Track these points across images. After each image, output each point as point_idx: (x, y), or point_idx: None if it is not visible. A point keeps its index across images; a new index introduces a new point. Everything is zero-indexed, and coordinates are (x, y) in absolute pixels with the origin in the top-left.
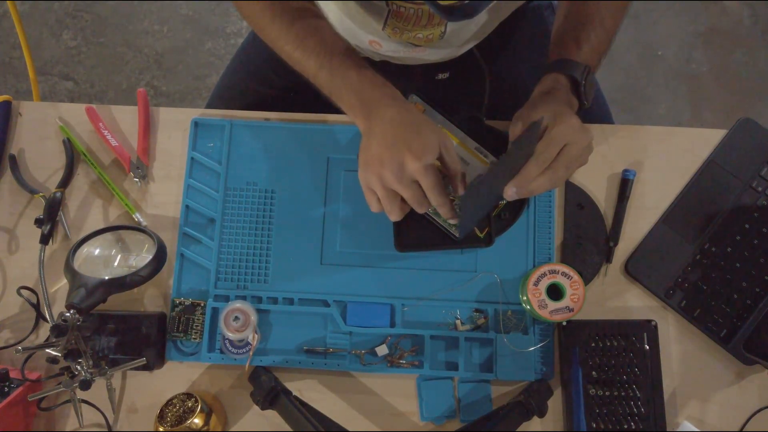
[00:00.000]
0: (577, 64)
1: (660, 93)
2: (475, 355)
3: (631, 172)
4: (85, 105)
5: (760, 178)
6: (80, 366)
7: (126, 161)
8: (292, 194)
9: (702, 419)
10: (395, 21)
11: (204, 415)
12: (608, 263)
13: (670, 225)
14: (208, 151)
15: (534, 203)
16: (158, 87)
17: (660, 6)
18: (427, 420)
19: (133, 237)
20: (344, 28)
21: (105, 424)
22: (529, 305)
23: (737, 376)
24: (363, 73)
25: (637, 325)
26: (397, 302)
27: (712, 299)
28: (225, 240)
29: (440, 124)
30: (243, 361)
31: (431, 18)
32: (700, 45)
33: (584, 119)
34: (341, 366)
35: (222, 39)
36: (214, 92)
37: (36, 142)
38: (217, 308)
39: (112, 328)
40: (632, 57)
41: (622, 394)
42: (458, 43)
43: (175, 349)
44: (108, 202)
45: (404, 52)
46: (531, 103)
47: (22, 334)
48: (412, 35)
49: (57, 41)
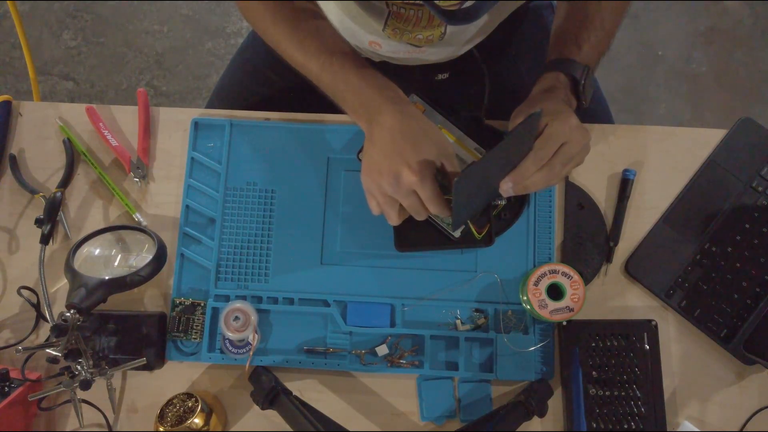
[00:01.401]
0: (578, 64)
1: (660, 93)
2: (475, 355)
3: (632, 171)
4: (85, 105)
5: (760, 178)
6: (80, 366)
7: (126, 161)
8: (292, 194)
9: (702, 419)
10: (395, 22)
11: (204, 415)
12: (608, 263)
13: (670, 225)
14: (208, 151)
15: (534, 203)
16: (158, 87)
17: (660, 6)
18: (428, 420)
19: (134, 237)
20: (344, 28)
21: (105, 424)
22: (530, 305)
23: (737, 376)
24: (364, 75)
25: (637, 325)
26: (398, 302)
27: (712, 299)
28: (225, 240)
29: (440, 124)
30: (243, 361)
31: (431, 19)
32: (700, 45)
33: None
34: (341, 366)
35: (222, 39)
36: (214, 92)
37: (36, 142)
38: (217, 308)
39: (113, 328)
40: (632, 57)
41: (622, 394)
42: (458, 44)
43: (176, 349)
44: (108, 202)
45: (404, 52)
46: (531, 100)
47: (23, 334)
48: (412, 36)
49: (57, 41)
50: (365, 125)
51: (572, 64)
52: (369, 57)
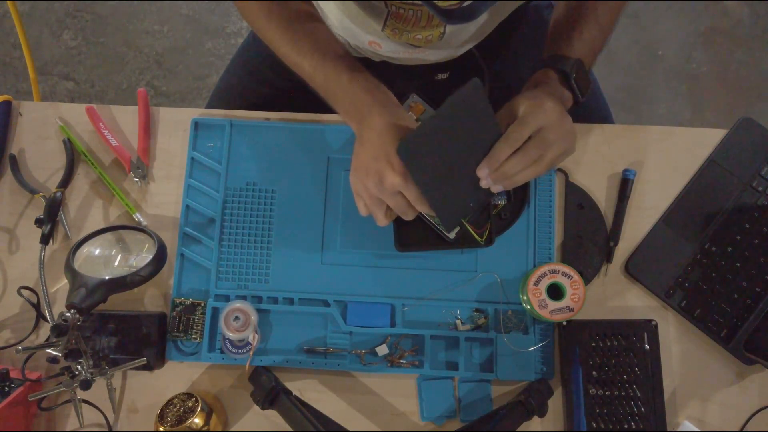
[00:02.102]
0: (567, 59)
1: (660, 93)
2: (475, 355)
3: (632, 172)
4: (86, 105)
5: (761, 178)
6: (80, 366)
7: (126, 161)
8: (293, 194)
9: (702, 419)
10: (395, 22)
11: (204, 414)
12: (608, 263)
13: (670, 225)
14: (208, 151)
15: (534, 203)
16: (158, 87)
17: (660, 6)
18: (428, 420)
19: (134, 237)
20: (344, 27)
21: (105, 424)
22: (530, 305)
23: (737, 376)
24: (356, 76)
25: (637, 325)
26: (398, 302)
27: (712, 299)
28: (225, 240)
29: None
30: (243, 361)
31: (430, 19)
32: (700, 45)
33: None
34: (341, 366)
35: (222, 39)
36: (214, 92)
37: (36, 142)
38: (217, 308)
39: (113, 328)
40: (632, 57)
41: (622, 393)
42: (457, 44)
43: (176, 349)
44: (108, 202)
45: (404, 52)
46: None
47: (23, 334)
48: (411, 36)
49: (57, 41)
50: (355, 126)
51: (562, 59)
52: (369, 57)
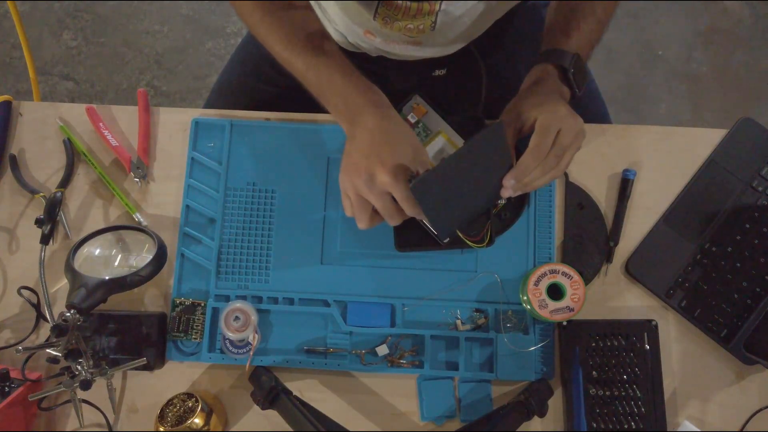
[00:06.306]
0: (565, 53)
1: (660, 93)
2: (475, 355)
3: (632, 172)
4: (86, 105)
5: (761, 178)
6: (81, 366)
7: (126, 161)
8: (293, 194)
9: (702, 419)
10: (385, 10)
11: (204, 414)
12: (608, 263)
13: (670, 225)
14: (209, 151)
15: (534, 203)
16: (158, 87)
17: (660, 6)
18: (428, 420)
19: (134, 237)
20: (340, 20)
21: (105, 424)
22: (530, 305)
23: (737, 376)
24: (348, 76)
25: (637, 325)
26: (398, 302)
27: (712, 299)
28: (225, 240)
29: (441, 129)
30: (243, 361)
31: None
32: (700, 45)
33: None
34: (341, 366)
35: (222, 39)
36: (214, 89)
37: (36, 142)
38: (217, 308)
39: (113, 328)
40: (632, 57)
41: (622, 393)
42: (451, 37)
43: (176, 349)
44: (108, 202)
45: (399, 48)
46: (519, 95)
47: (23, 334)
48: (402, 25)
49: (57, 41)
50: (347, 126)
51: (560, 53)
52: (367, 52)
